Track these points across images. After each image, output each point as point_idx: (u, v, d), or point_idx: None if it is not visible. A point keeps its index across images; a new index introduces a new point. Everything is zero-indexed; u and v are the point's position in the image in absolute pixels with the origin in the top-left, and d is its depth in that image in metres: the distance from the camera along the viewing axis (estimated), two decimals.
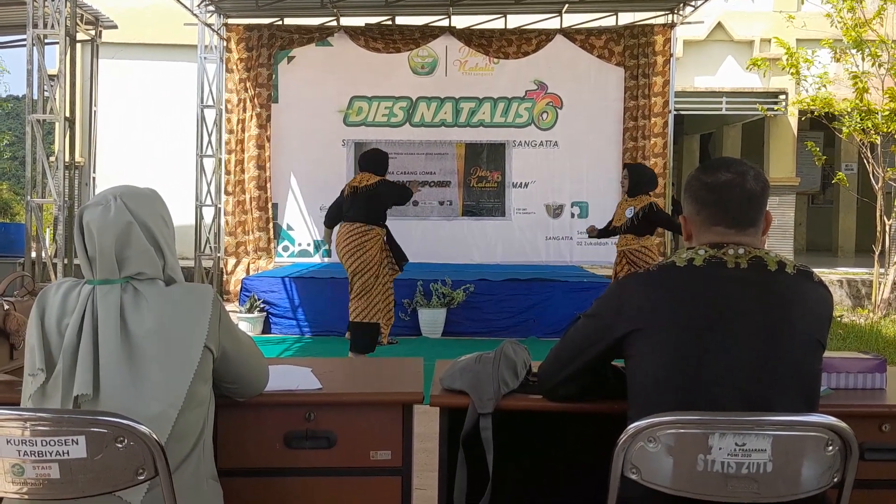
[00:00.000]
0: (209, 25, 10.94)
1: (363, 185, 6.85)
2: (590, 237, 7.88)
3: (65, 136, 8.46)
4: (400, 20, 11.33)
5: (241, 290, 9.37)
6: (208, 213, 11.22)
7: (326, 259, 11.05)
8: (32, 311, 1.97)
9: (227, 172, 11.13)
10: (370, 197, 6.81)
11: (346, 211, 6.92)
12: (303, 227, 11.32)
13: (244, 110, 11.10)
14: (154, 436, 1.71)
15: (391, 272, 7.00)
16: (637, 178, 7.18)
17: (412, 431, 2.32)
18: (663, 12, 11.10)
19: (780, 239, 13.15)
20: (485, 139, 11.42)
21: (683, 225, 2.09)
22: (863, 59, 10.14)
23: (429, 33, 11.14)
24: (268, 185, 11.15)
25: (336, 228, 7.16)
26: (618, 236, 7.34)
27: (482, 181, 11.48)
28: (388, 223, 7.05)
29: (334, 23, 11.21)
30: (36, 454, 1.68)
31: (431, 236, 11.27)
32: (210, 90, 11.15)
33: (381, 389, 2.39)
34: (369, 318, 6.80)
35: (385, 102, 11.36)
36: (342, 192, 7.12)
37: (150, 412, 1.83)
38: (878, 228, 10.48)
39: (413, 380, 2.45)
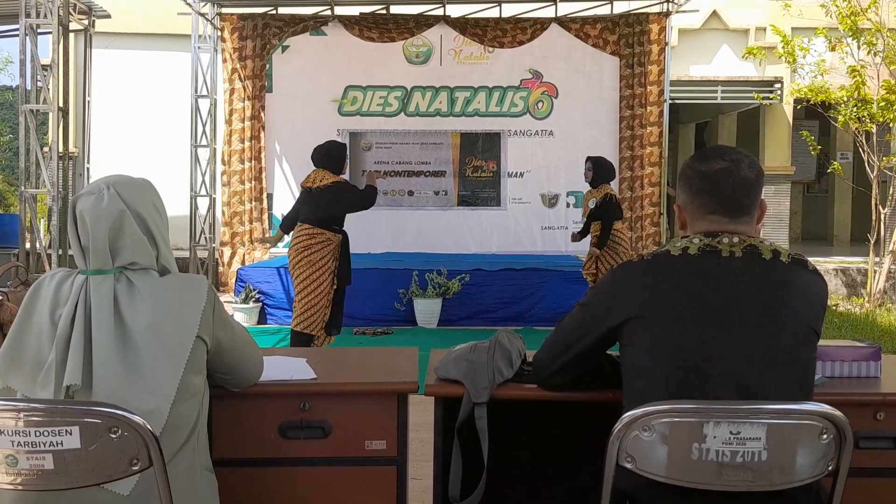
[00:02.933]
0: (203, 15, 10.90)
1: (316, 185, 6.05)
2: (573, 241, 8.23)
3: (58, 127, 8.45)
4: (394, 9, 11.29)
5: (236, 280, 9.36)
6: (203, 204, 11.20)
7: None
8: (23, 304, 1.97)
9: (223, 163, 11.10)
10: (321, 197, 6.02)
11: (301, 212, 6.18)
12: None
13: (238, 100, 11.06)
14: (148, 426, 1.70)
15: (331, 285, 6.09)
16: (599, 170, 7.60)
17: (407, 421, 2.32)
18: (658, 1, 11.08)
19: (775, 228, 13.15)
20: (480, 129, 11.41)
21: (678, 213, 2.09)
22: (858, 48, 10.14)
23: (423, 22, 11.11)
24: (262, 176, 11.13)
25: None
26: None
27: (477, 171, 11.46)
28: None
29: (328, 12, 11.17)
30: (29, 445, 1.68)
31: (427, 226, 11.27)
32: (204, 80, 11.11)
33: (376, 379, 2.39)
34: (308, 328, 6.05)
35: (380, 92, 11.33)
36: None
37: (143, 407, 1.82)
38: (874, 217, 10.49)
39: (408, 369, 2.45)
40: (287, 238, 6.78)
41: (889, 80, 9.92)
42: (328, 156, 6.17)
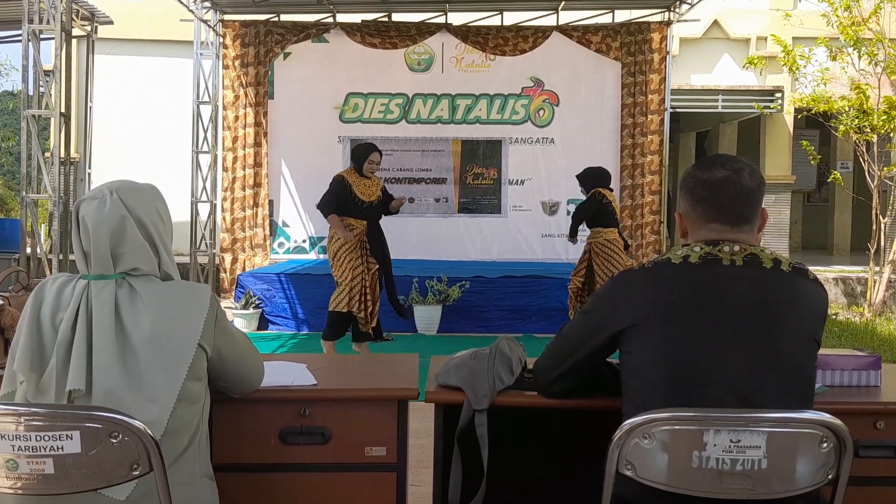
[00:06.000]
0: (205, 21, 10.91)
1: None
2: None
3: (60, 132, 8.46)
4: (396, 17, 11.31)
5: (236, 286, 9.37)
6: (204, 210, 11.20)
7: (322, 255, 11.05)
8: (27, 305, 1.96)
9: (224, 169, 11.11)
10: None
11: None
12: (298, 223, 11.31)
13: (240, 107, 11.07)
14: (149, 431, 1.70)
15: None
16: (582, 180, 7.78)
17: (407, 427, 2.32)
18: (660, 10, 11.09)
19: (775, 237, 13.15)
20: (481, 136, 11.41)
21: (679, 221, 2.09)
22: (859, 58, 10.15)
23: (425, 30, 11.12)
24: (264, 182, 11.14)
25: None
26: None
27: (478, 178, 11.47)
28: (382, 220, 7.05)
29: (330, 19, 11.19)
30: (30, 449, 1.68)
31: (427, 233, 11.27)
32: (206, 86, 11.12)
33: (377, 385, 2.39)
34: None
35: (381, 99, 11.34)
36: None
37: (142, 414, 1.81)
38: (874, 227, 10.50)
39: (408, 376, 2.45)
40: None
41: (891, 96, 9.93)
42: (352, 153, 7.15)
